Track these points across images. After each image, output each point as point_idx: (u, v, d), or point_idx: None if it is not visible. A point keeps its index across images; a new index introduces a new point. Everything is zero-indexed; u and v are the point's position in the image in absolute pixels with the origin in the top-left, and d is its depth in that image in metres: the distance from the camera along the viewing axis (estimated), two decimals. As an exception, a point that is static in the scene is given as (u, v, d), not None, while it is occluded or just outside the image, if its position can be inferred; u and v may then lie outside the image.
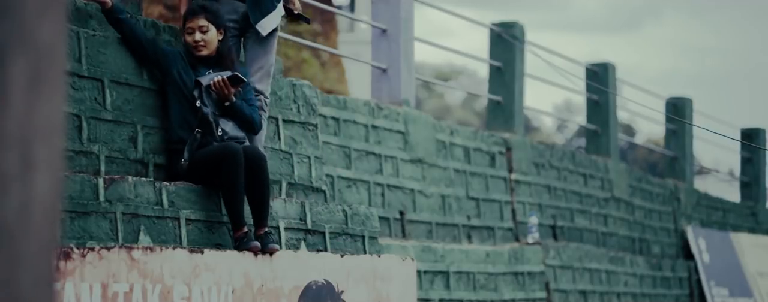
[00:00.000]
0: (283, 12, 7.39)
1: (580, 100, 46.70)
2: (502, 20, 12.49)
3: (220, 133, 6.83)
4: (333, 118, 9.28)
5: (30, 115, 2.08)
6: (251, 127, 7.05)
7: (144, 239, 6.29)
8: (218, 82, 6.79)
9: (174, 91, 6.90)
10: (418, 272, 9.16)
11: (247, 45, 7.42)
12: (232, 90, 6.84)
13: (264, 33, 7.23)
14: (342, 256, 7.30)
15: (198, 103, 6.81)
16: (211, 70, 6.95)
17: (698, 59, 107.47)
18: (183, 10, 7.19)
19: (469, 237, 10.87)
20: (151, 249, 5.95)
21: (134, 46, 6.85)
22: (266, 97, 7.39)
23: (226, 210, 6.74)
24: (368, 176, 9.60)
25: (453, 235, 10.64)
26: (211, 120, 6.83)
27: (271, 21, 7.26)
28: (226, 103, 6.88)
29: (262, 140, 7.35)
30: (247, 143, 6.98)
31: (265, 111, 7.37)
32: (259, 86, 7.32)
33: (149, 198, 6.40)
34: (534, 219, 11.44)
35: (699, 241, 15.52)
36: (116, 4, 6.76)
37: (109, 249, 5.70)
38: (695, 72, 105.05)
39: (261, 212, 6.76)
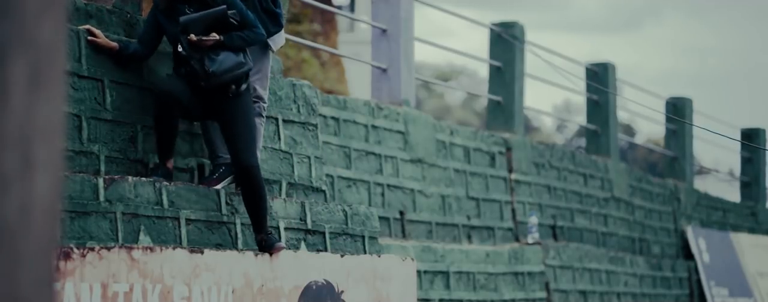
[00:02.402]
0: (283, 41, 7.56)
1: (580, 100, 46.73)
2: (502, 20, 12.49)
3: (208, 68, 6.63)
4: (333, 118, 9.28)
5: (30, 115, 2.08)
6: (257, 42, 6.90)
7: (144, 239, 6.29)
8: (193, 42, 6.62)
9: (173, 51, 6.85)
10: (418, 272, 9.16)
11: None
12: (211, 40, 6.62)
13: (275, 49, 7.38)
14: (342, 256, 7.30)
15: (179, 48, 6.69)
16: (189, 10, 6.75)
17: (698, 59, 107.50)
18: None
19: (469, 237, 10.87)
20: (151, 249, 5.95)
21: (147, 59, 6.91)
22: (265, 102, 7.33)
23: (248, 215, 6.85)
24: (368, 176, 9.60)
25: (453, 235, 10.64)
26: (197, 58, 6.67)
27: (280, 38, 7.44)
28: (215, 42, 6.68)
29: (259, 144, 7.29)
30: (248, 67, 6.79)
31: (263, 116, 7.31)
32: (259, 91, 7.25)
33: (149, 198, 6.40)
34: (534, 219, 11.44)
35: (699, 241, 15.52)
36: (122, 45, 6.74)
37: (109, 249, 5.70)
38: (695, 72, 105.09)
39: (259, 220, 6.79)
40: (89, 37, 6.60)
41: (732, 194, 19.82)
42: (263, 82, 7.31)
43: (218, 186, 6.92)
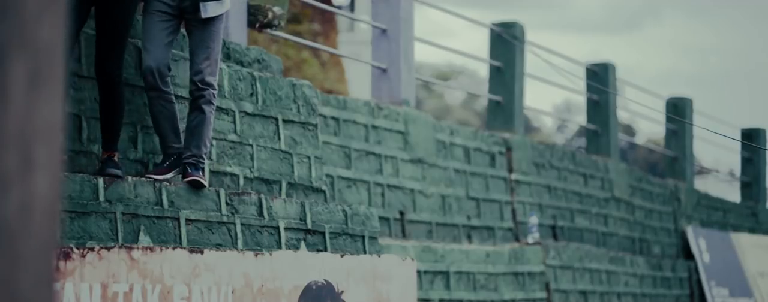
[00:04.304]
0: (229, 6, 7.17)
1: (580, 100, 46.68)
2: (502, 20, 12.49)
3: None
4: (333, 118, 9.28)
5: (30, 115, 2.08)
6: None
7: (144, 239, 6.29)
8: None
9: None
10: (418, 272, 9.16)
11: (190, 34, 7.04)
12: None
13: (203, 15, 6.92)
14: (342, 256, 7.30)
15: None
16: None
17: (698, 59, 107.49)
18: None
19: (469, 237, 10.87)
20: (151, 249, 5.95)
21: None
22: (215, 89, 6.98)
23: (101, 130, 6.59)
24: (368, 176, 9.60)
25: (453, 235, 10.64)
26: None
27: (216, 7, 6.98)
28: None
29: (210, 123, 7.04)
30: None
31: (212, 104, 6.97)
32: (208, 78, 6.92)
33: (149, 198, 6.39)
34: (534, 219, 11.44)
35: (699, 241, 15.51)
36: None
37: (109, 249, 5.70)
38: (695, 72, 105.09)
39: (113, 135, 6.52)
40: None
41: (732, 194, 19.86)
42: (213, 68, 6.97)
43: (168, 176, 6.72)
